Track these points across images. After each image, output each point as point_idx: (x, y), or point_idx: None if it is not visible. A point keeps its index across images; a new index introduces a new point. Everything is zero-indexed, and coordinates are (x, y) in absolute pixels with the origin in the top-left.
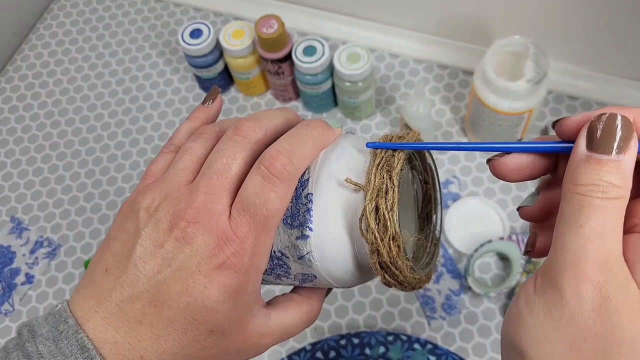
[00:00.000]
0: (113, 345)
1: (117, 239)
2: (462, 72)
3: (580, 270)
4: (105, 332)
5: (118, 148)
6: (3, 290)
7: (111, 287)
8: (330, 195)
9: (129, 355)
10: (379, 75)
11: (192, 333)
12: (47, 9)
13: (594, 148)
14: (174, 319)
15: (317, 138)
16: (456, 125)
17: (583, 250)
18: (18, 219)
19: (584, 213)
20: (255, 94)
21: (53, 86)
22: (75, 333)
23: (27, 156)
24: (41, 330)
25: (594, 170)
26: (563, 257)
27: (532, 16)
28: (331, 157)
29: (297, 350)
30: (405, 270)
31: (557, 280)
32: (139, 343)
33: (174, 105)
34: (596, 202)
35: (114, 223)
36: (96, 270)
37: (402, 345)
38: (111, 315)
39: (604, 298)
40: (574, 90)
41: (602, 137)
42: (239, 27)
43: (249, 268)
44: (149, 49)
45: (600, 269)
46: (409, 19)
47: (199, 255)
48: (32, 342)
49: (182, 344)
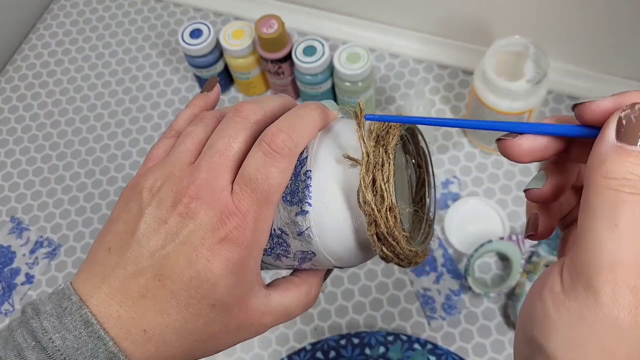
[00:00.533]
0: (117, 320)
1: (119, 219)
2: (462, 72)
3: (617, 274)
4: (108, 308)
5: (118, 148)
6: (3, 290)
7: (114, 264)
8: (328, 171)
9: (132, 330)
10: (379, 75)
11: (195, 307)
12: (47, 9)
13: (625, 139)
14: (178, 292)
15: (315, 118)
16: None
17: (619, 251)
18: (18, 219)
19: (618, 210)
20: (255, 94)
21: (53, 86)
22: (79, 309)
23: (27, 156)
24: (45, 307)
25: (625, 163)
26: (598, 257)
27: (532, 16)
28: (328, 136)
29: (297, 350)
30: (402, 242)
31: (592, 283)
32: (143, 317)
33: (174, 106)
34: (628, 197)
35: (116, 206)
36: (99, 249)
37: (402, 345)
38: (115, 291)
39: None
40: (574, 90)
41: (635, 128)
42: (239, 27)
43: (250, 242)
44: (149, 49)
45: (636, 273)
46: (409, 19)
47: (202, 229)
48: (36, 318)
49: (184, 318)
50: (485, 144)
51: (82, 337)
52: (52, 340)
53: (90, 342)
